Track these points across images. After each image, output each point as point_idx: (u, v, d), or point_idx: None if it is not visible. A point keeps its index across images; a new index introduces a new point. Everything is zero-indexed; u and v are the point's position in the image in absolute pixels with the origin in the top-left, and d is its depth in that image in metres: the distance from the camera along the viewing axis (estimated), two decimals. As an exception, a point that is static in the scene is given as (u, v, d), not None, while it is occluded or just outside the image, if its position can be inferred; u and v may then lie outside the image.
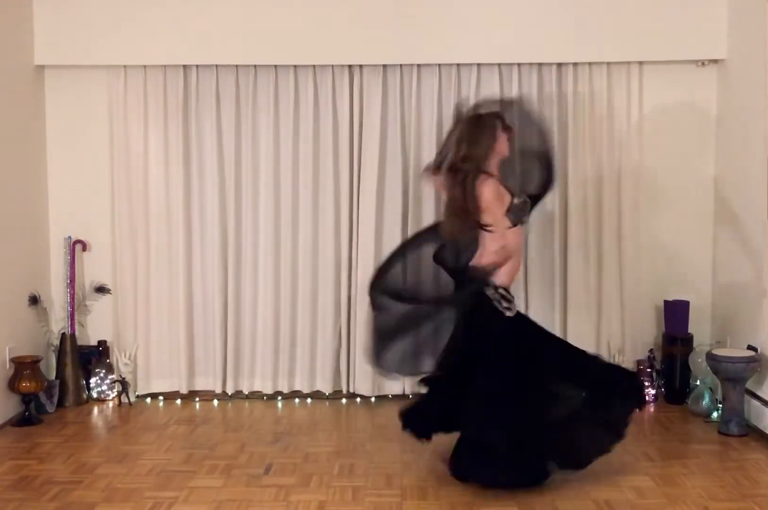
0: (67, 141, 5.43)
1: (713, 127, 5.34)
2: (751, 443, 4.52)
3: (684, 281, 5.39)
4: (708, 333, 5.35)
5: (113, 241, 5.43)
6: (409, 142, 5.34)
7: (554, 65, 5.27)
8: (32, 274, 5.25)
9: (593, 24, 5.13)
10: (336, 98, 5.32)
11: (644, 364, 5.29)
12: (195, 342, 5.46)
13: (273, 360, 5.41)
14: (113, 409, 5.25)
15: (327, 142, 5.33)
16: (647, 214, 5.37)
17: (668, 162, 5.37)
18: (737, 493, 3.83)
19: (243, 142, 5.37)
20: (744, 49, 4.94)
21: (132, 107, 5.35)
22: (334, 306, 5.38)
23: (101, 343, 5.43)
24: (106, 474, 4.10)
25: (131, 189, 5.38)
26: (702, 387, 5.04)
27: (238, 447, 4.50)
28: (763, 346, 4.66)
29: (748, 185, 4.85)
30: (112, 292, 5.44)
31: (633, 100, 5.31)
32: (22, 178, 5.18)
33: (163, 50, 5.20)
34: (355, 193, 5.37)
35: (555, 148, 4.02)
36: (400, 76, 5.31)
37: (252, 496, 3.81)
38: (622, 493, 3.83)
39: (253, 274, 5.41)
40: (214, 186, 5.37)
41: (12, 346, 4.94)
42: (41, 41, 5.21)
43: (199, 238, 5.41)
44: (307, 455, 4.37)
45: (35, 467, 4.19)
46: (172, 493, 3.85)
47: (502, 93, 5.27)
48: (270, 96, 5.32)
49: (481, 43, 5.16)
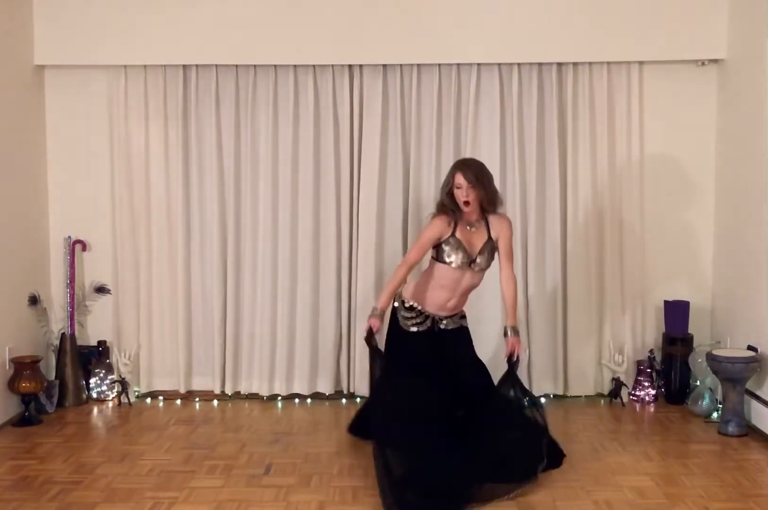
0: (67, 141, 5.43)
1: (713, 127, 5.34)
2: (751, 443, 4.52)
3: (684, 281, 5.39)
4: (708, 333, 5.35)
5: (113, 241, 5.43)
6: (409, 142, 5.34)
7: (554, 65, 5.28)
8: (32, 274, 5.25)
9: (593, 24, 5.13)
10: (336, 98, 5.33)
11: (644, 364, 5.29)
12: (194, 342, 5.47)
13: (272, 360, 5.41)
14: (113, 409, 5.25)
15: (327, 142, 5.33)
16: (647, 214, 5.37)
17: (668, 162, 5.37)
18: (737, 493, 3.83)
19: (243, 142, 5.37)
20: (744, 49, 4.95)
21: (132, 107, 5.35)
22: (335, 306, 5.38)
23: (101, 343, 5.44)
24: (106, 474, 4.10)
25: (131, 189, 5.39)
26: (702, 387, 5.04)
27: (238, 447, 4.50)
28: (763, 346, 4.66)
29: (749, 185, 4.85)
30: (112, 292, 5.44)
31: (633, 100, 5.31)
32: (22, 178, 5.18)
33: (163, 50, 5.20)
34: (355, 192, 5.37)
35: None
36: (400, 76, 5.31)
37: (252, 496, 3.81)
38: (622, 493, 3.83)
39: (253, 275, 5.41)
40: (213, 186, 5.37)
41: (12, 346, 4.94)
42: (41, 41, 5.21)
43: (198, 238, 5.41)
44: (307, 455, 4.37)
45: (35, 467, 4.19)
46: (172, 493, 3.85)
47: (503, 93, 5.28)
48: (270, 96, 5.32)
49: (481, 43, 5.16)
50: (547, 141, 5.31)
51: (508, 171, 5.30)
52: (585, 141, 5.30)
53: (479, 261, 4.00)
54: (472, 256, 3.98)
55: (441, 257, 4.00)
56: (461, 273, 4.00)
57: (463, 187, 3.94)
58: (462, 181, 3.94)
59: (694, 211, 5.39)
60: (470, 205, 3.97)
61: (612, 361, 5.31)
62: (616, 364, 5.29)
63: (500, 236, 4.06)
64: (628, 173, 5.33)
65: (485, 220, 4.06)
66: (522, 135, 5.29)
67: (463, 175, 3.95)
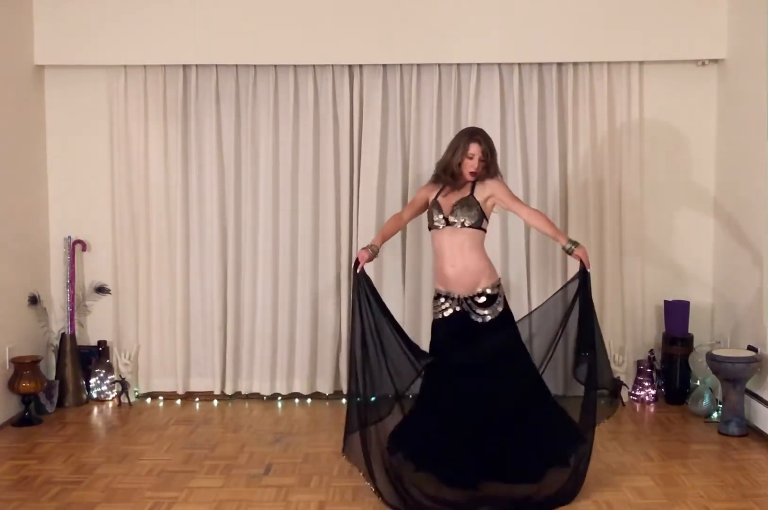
0: (67, 141, 5.42)
1: (713, 127, 5.34)
2: (751, 443, 4.51)
3: (684, 281, 5.39)
4: (708, 333, 5.35)
5: (113, 241, 5.43)
6: (409, 141, 5.34)
7: (554, 65, 5.28)
8: (32, 274, 5.25)
9: (593, 24, 5.13)
10: (336, 98, 5.33)
11: (644, 364, 5.29)
12: (195, 342, 5.47)
13: (272, 360, 5.41)
14: (113, 410, 5.25)
15: (327, 142, 5.33)
16: (648, 213, 5.37)
17: (669, 161, 5.37)
18: (737, 493, 3.83)
19: (243, 142, 5.37)
20: (744, 49, 4.94)
21: (132, 107, 5.35)
22: (334, 306, 5.38)
23: (101, 343, 5.43)
24: (106, 474, 4.10)
25: (131, 189, 5.39)
26: (702, 387, 5.04)
27: (238, 447, 4.50)
28: (763, 346, 4.66)
29: (749, 185, 4.85)
30: (112, 292, 5.44)
31: (633, 100, 5.31)
32: (22, 178, 5.18)
33: (163, 50, 5.20)
34: (355, 193, 5.37)
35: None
36: (400, 76, 5.31)
37: (252, 496, 3.81)
38: (622, 493, 3.83)
39: (253, 275, 5.40)
40: (213, 186, 5.37)
41: (12, 346, 4.94)
42: (41, 41, 5.21)
43: (198, 238, 5.41)
44: (307, 455, 4.37)
45: (35, 467, 4.19)
46: (172, 493, 3.85)
47: (503, 93, 5.28)
48: (270, 96, 5.32)
49: (481, 43, 5.16)
50: (548, 141, 5.31)
51: (509, 171, 5.29)
52: (585, 141, 5.30)
53: (455, 214, 3.91)
54: (447, 213, 3.93)
55: (429, 224, 4.02)
56: (444, 232, 3.94)
57: (475, 158, 3.91)
58: (477, 151, 3.91)
59: (694, 210, 5.39)
60: (475, 175, 3.96)
61: (612, 360, 5.31)
62: (616, 364, 5.28)
63: (495, 193, 3.98)
64: (628, 173, 5.32)
65: (473, 185, 4.00)
66: (522, 135, 5.29)
67: (479, 146, 3.92)
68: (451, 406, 3.87)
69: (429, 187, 4.11)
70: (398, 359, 3.90)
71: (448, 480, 3.78)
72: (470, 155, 3.92)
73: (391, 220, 4.17)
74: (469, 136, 3.96)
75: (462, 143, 3.94)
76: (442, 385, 3.93)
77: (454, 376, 3.90)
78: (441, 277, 4.01)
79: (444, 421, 3.86)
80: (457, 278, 3.93)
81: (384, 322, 3.90)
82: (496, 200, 4.00)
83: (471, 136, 3.96)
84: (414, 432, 3.95)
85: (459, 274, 3.93)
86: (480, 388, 3.86)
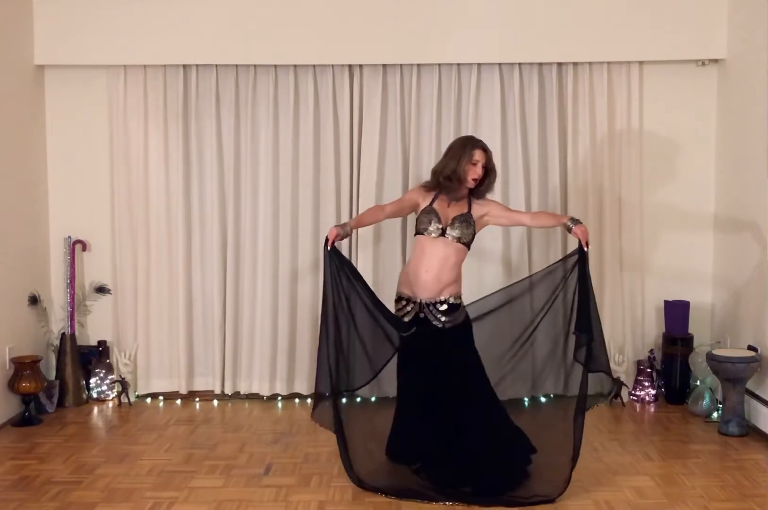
0: (67, 141, 5.43)
1: (713, 127, 5.34)
2: (751, 443, 4.52)
3: (684, 281, 5.39)
4: (708, 333, 5.35)
5: (113, 241, 5.43)
6: (409, 141, 5.34)
7: (554, 65, 5.28)
8: (32, 274, 5.25)
9: (593, 24, 5.13)
10: (336, 98, 5.33)
11: (644, 364, 5.29)
12: (195, 342, 5.47)
13: (272, 360, 5.41)
14: (113, 409, 5.25)
15: (327, 142, 5.33)
16: (648, 214, 5.37)
17: (668, 161, 5.37)
18: (737, 493, 3.83)
19: (243, 142, 5.37)
20: (744, 49, 4.95)
21: (132, 107, 5.35)
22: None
23: (101, 343, 5.43)
24: (106, 474, 4.10)
25: (131, 189, 5.38)
26: (702, 387, 5.04)
27: (238, 447, 4.50)
28: (763, 346, 4.66)
29: (749, 185, 4.85)
30: (112, 292, 5.44)
31: (633, 99, 5.31)
32: (22, 178, 5.18)
33: (163, 50, 5.20)
34: (354, 192, 5.37)
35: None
36: (400, 76, 5.31)
37: (252, 496, 3.81)
38: (622, 493, 3.83)
39: (253, 275, 5.40)
40: (213, 186, 5.37)
41: (12, 346, 4.94)
42: (41, 41, 5.21)
43: (198, 238, 5.41)
44: (307, 455, 4.37)
45: (35, 467, 4.19)
46: (172, 493, 3.85)
47: (503, 93, 5.28)
48: (270, 96, 5.32)
49: (481, 43, 5.16)
50: (548, 140, 5.31)
51: (510, 170, 5.29)
52: (585, 141, 5.30)
53: (453, 227, 3.96)
54: (445, 224, 3.97)
55: (419, 228, 4.02)
56: (436, 241, 3.96)
57: (479, 164, 3.97)
58: (481, 158, 3.98)
59: (694, 210, 5.39)
60: (476, 182, 4.00)
61: (612, 360, 5.31)
62: (617, 364, 5.28)
63: (491, 210, 4.06)
64: (628, 173, 5.33)
65: (469, 201, 4.06)
66: (523, 135, 5.29)
67: (484, 153, 3.99)
68: (421, 412, 4.04)
69: (421, 193, 4.12)
70: (373, 336, 4.00)
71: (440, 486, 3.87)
72: (475, 161, 3.98)
73: (372, 209, 4.18)
74: (473, 143, 4.03)
75: (467, 150, 3.99)
76: (412, 391, 4.10)
77: (418, 385, 4.05)
78: (408, 281, 4.05)
79: (421, 425, 4.04)
80: (425, 283, 3.98)
81: (357, 297, 3.99)
82: (492, 217, 4.08)
83: (475, 143, 4.02)
84: (402, 437, 4.15)
85: (429, 281, 3.98)
86: (439, 398, 4.00)
